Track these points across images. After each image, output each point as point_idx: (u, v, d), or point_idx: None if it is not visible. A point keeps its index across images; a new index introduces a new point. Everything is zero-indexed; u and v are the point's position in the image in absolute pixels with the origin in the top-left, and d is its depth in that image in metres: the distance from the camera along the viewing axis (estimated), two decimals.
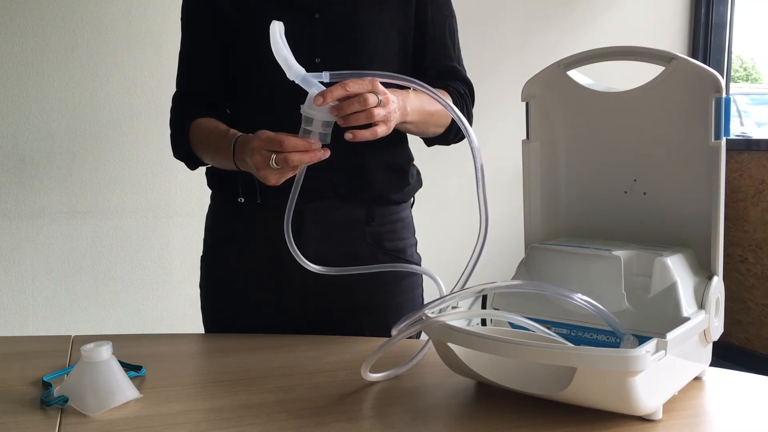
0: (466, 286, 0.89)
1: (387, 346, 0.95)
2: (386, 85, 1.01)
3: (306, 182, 0.99)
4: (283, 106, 1.01)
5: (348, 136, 0.98)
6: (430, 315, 0.90)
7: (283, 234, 0.99)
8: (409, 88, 0.99)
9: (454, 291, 0.93)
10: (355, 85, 0.95)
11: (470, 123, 1.27)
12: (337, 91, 0.94)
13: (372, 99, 0.96)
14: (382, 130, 1.01)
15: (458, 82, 1.27)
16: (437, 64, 1.26)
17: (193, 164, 1.27)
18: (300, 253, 1.00)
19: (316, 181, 1.04)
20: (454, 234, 2.78)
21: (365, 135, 0.99)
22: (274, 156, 0.97)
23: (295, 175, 1.00)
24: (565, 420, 0.83)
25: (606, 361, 0.75)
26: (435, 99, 0.95)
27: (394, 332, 0.93)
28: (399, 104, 1.05)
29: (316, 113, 0.96)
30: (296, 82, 0.95)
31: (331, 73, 0.95)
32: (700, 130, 0.91)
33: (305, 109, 0.96)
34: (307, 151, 0.96)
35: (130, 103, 2.69)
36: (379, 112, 0.98)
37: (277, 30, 0.96)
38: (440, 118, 1.21)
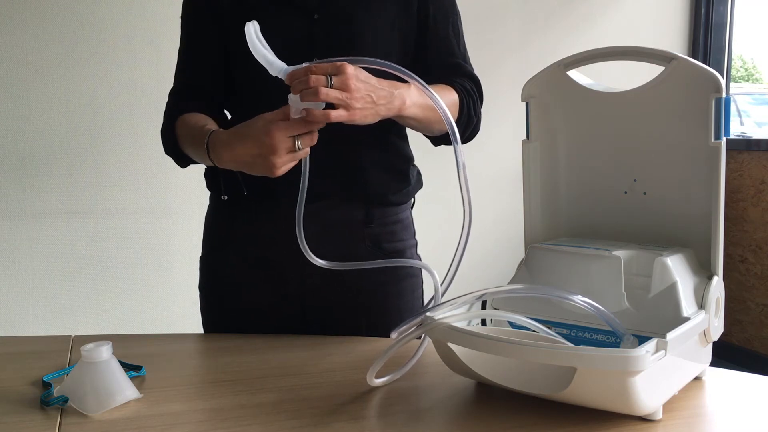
0: (468, 292, 0.89)
1: (392, 351, 0.93)
2: (386, 75, 1.00)
3: None
4: (282, 104, 1.01)
5: (303, 112, 0.98)
6: (430, 315, 0.90)
7: (282, 235, 0.98)
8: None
9: (444, 280, 0.95)
10: (319, 68, 0.96)
11: (478, 122, 1.27)
12: (300, 72, 0.96)
13: (315, 79, 0.95)
14: (336, 114, 0.98)
15: (464, 78, 1.26)
16: (441, 61, 1.25)
17: (181, 161, 1.23)
18: (298, 253, 1.00)
19: (313, 182, 1.03)
20: (455, 235, 2.76)
21: (317, 115, 0.97)
22: (299, 142, 0.98)
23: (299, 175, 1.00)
24: (565, 420, 0.83)
25: (606, 361, 0.75)
26: (416, 84, 0.95)
27: (393, 335, 0.93)
28: (384, 94, 1.03)
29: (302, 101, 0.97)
30: (279, 77, 0.96)
31: (313, 62, 0.95)
32: (700, 130, 0.90)
33: (292, 98, 0.97)
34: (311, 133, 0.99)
35: (130, 103, 2.69)
36: (331, 94, 0.96)
37: (252, 30, 0.96)
38: None
